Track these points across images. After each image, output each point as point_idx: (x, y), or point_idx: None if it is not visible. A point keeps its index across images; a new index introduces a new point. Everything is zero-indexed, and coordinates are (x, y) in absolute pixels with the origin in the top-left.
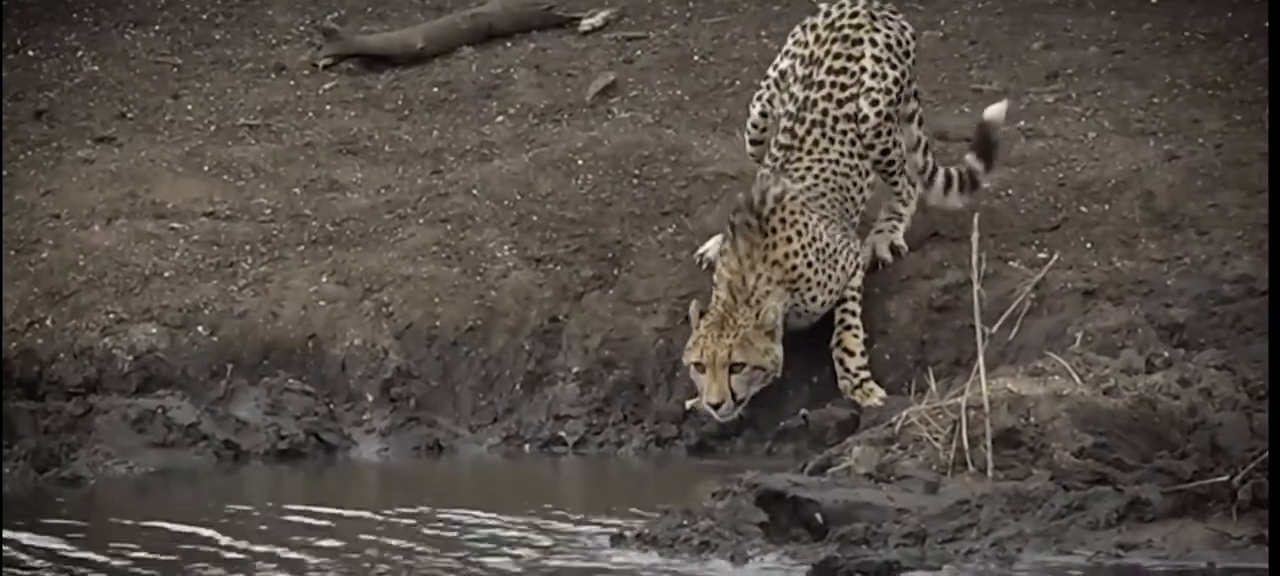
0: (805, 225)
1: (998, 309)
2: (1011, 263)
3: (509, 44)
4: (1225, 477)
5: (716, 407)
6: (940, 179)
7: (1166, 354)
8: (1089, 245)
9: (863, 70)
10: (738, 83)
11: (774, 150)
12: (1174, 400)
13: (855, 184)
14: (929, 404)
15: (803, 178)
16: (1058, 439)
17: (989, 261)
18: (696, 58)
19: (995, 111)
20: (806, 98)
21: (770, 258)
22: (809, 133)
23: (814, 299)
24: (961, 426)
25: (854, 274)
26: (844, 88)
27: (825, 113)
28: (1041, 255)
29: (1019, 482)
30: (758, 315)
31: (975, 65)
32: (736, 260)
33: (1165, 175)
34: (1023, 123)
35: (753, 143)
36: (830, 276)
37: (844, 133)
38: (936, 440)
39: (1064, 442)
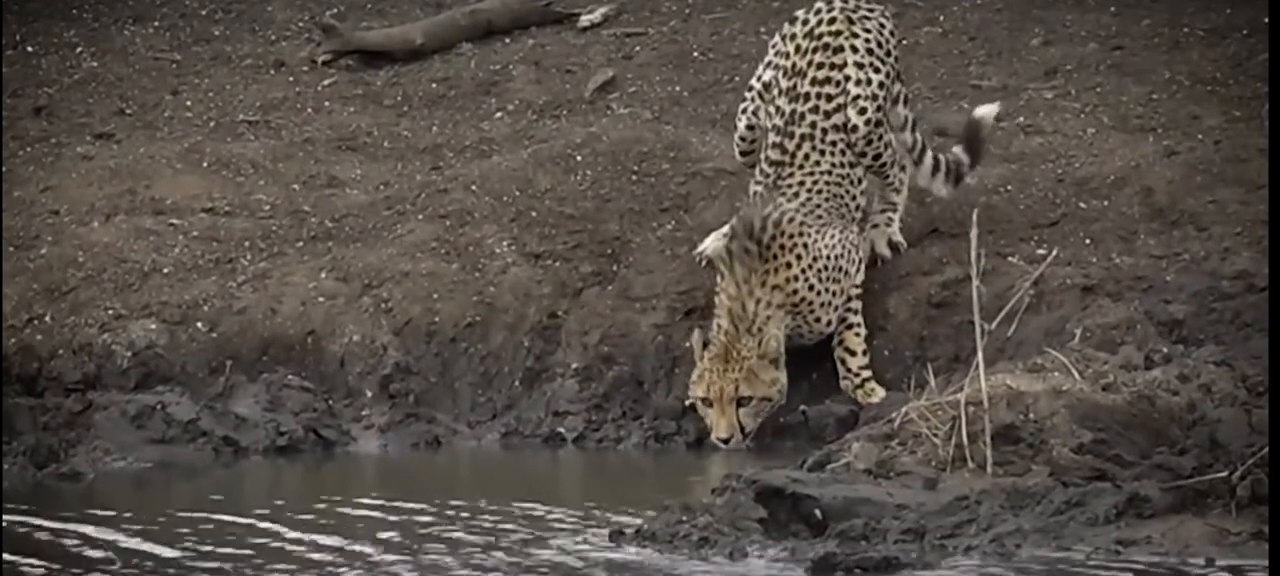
0: (805, 246)
1: (997, 305)
2: (1010, 259)
3: (508, 40)
4: (1224, 474)
5: (726, 442)
6: (929, 160)
7: (1165, 350)
8: (1088, 241)
9: (847, 78)
10: (737, 79)
11: (765, 166)
12: (1173, 396)
13: (849, 191)
14: (928, 400)
15: (796, 194)
16: (1057, 435)
17: (988, 257)
18: (695, 54)
19: (986, 111)
20: (794, 111)
21: (770, 282)
22: (799, 147)
23: (817, 320)
24: (960, 422)
25: (856, 272)
26: (830, 98)
27: (814, 126)
28: (1040, 251)
29: (1018, 479)
30: (760, 344)
31: (974, 61)
32: (735, 286)
33: (1164, 171)
34: (1022, 119)
35: (742, 154)
36: (834, 294)
37: (834, 143)
38: (935, 436)
39: (1063, 438)
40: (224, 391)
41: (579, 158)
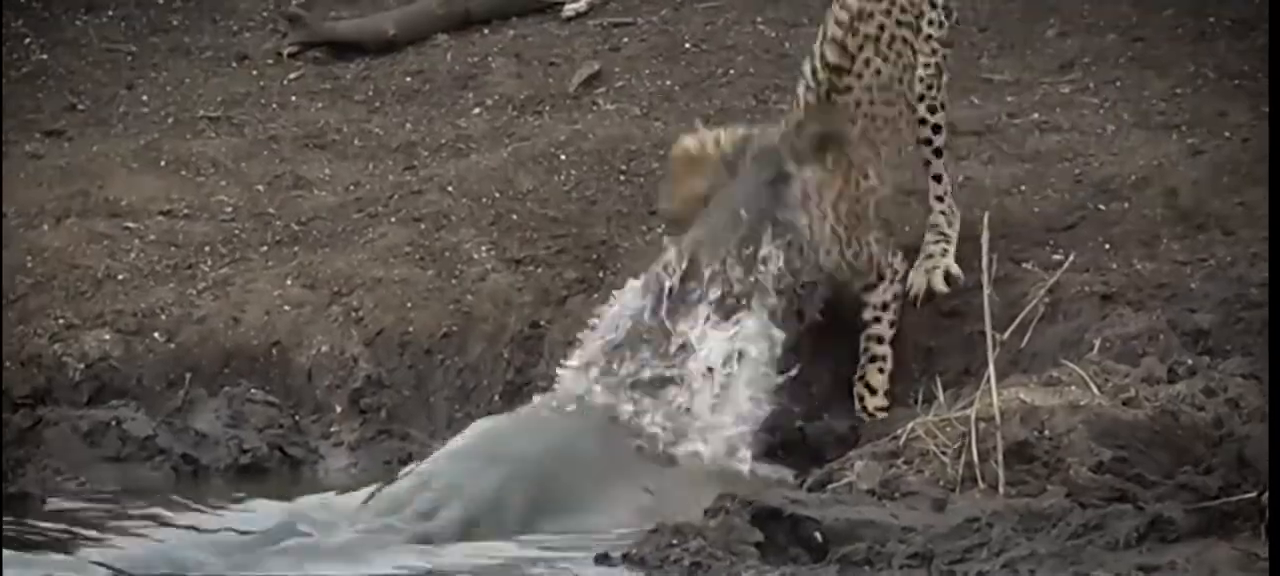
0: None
1: (1010, 314)
2: (1024, 264)
3: (486, 31)
4: (1253, 494)
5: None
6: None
7: (1190, 362)
8: (1107, 246)
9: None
10: (731, 72)
11: None
12: (1199, 411)
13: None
14: (936, 415)
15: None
16: (1074, 453)
17: (1000, 263)
18: (687, 45)
19: None
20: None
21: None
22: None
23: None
24: (971, 439)
25: (893, 286)
26: (907, 8)
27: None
28: (1056, 256)
29: (1032, 499)
30: None
31: (985, 53)
32: None
33: (1189, 171)
34: (1037, 115)
35: None
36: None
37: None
38: (944, 454)
39: (1081, 457)
40: (183, 406)
41: (563, 156)
